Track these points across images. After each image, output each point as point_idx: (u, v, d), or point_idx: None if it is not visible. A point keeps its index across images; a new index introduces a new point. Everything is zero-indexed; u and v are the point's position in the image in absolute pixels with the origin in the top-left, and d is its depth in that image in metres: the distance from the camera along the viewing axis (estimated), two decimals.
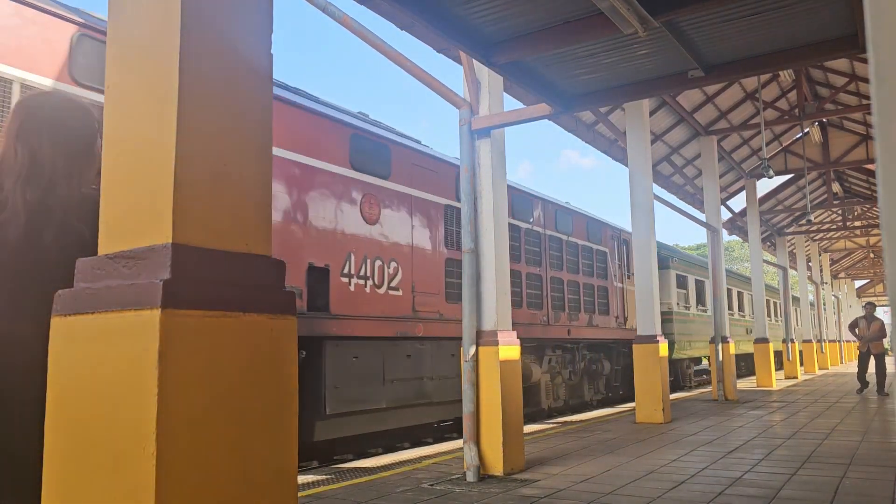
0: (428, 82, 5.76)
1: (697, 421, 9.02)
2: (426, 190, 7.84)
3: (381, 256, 6.99)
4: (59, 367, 1.68)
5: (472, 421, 5.51)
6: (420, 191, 7.75)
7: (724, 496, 4.53)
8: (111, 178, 1.79)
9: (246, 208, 1.82)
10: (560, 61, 5.41)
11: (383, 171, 7.24)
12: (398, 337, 7.09)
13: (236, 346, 1.68)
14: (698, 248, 59.00)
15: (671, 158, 14.24)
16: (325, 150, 6.54)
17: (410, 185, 7.62)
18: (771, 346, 16.65)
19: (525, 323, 9.34)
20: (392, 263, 7.10)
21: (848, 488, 4.73)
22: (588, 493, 4.69)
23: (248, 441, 1.68)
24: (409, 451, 7.04)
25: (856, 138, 16.16)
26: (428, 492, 4.85)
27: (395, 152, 7.46)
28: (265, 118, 1.92)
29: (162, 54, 1.73)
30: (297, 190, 6.20)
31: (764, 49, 5.30)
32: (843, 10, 4.73)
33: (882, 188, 0.70)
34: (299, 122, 6.33)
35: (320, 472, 5.89)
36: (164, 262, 1.59)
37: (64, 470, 1.63)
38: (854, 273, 37.53)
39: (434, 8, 4.61)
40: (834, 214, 22.89)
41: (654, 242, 9.36)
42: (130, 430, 1.52)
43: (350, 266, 6.60)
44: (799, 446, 6.67)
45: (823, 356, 25.98)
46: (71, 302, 1.69)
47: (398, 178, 7.43)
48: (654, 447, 6.75)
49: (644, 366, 8.86)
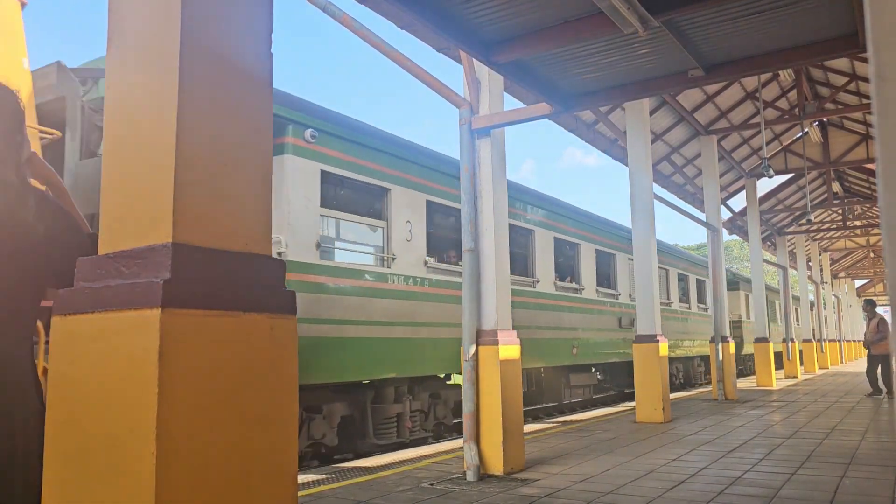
0: (428, 82, 5.76)
1: (697, 420, 9.02)
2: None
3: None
4: (60, 367, 1.68)
5: (472, 420, 5.51)
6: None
7: (724, 496, 4.53)
8: (111, 178, 1.79)
9: (246, 208, 1.82)
10: (560, 61, 5.41)
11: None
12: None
13: (236, 346, 1.68)
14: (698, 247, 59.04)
15: (671, 158, 14.23)
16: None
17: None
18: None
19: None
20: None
21: (848, 488, 4.73)
22: (588, 493, 4.69)
23: (248, 441, 1.68)
24: (409, 450, 7.04)
25: (856, 138, 16.15)
26: (428, 491, 4.85)
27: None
28: (265, 118, 1.92)
29: (162, 54, 1.72)
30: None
31: (764, 48, 5.30)
32: (844, 9, 4.73)
33: (882, 188, 0.70)
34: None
35: (320, 471, 5.89)
36: (164, 262, 1.59)
37: (64, 469, 1.63)
38: (854, 272, 37.52)
39: (434, 7, 4.61)
40: (834, 214, 22.90)
41: (654, 242, 9.36)
42: (130, 429, 1.52)
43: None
44: (799, 446, 6.67)
45: (823, 356, 25.98)
46: (71, 301, 1.69)
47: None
48: (653, 447, 6.75)
49: (644, 365, 8.86)
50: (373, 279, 7.06)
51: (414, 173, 7.87)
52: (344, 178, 6.90)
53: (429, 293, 7.84)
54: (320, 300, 6.38)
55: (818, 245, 27.49)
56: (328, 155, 6.70)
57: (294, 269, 6.09)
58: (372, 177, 7.22)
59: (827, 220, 22.79)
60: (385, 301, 7.15)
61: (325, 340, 6.35)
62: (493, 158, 5.88)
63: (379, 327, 7.03)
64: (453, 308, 7.80)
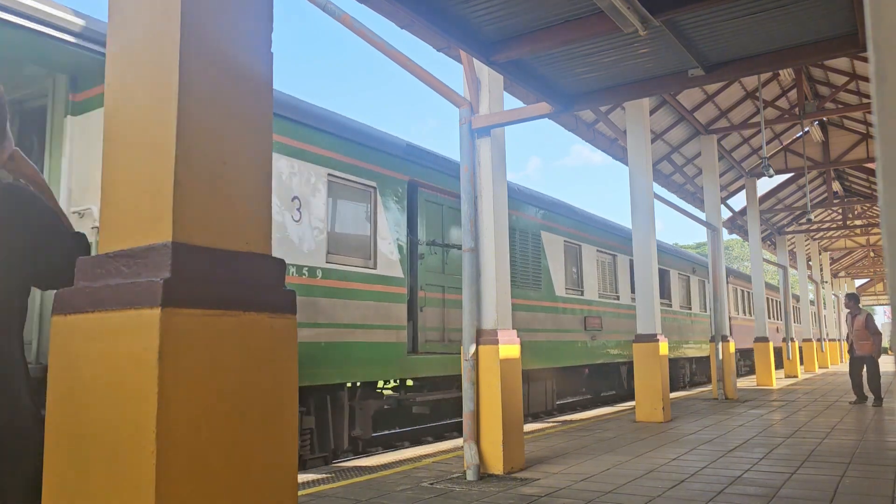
0: (428, 81, 5.76)
1: (697, 420, 9.02)
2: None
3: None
4: (60, 366, 1.68)
5: (472, 420, 5.51)
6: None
7: (723, 495, 4.53)
8: (111, 178, 1.79)
9: (246, 207, 1.82)
10: (560, 60, 5.41)
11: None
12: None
13: (236, 345, 1.69)
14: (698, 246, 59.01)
15: (671, 157, 14.24)
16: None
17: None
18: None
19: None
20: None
21: (847, 487, 4.73)
22: (588, 492, 4.69)
23: (248, 440, 1.68)
24: (408, 449, 7.04)
25: (856, 137, 16.15)
26: (428, 490, 4.85)
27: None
28: (265, 117, 1.92)
29: (162, 54, 1.72)
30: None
31: (764, 48, 5.30)
32: (844, 8, 4.73)
33: (882, 187, 0.70)
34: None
35: (320, 470, 5.89)
36: (164, 262, 1.59)
37: (64, 468, 1.63)
38: (854, 272, 37.53)
39: (434, 6, 4.61)
40: (834, 213, 22.90)
41: (654, 241, 9.36)
42: (130, 428, 1.53)
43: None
44: (799, 445, 6.67)
45: (823, 355, 26.00)
46: (71, 301, 1.69)
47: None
48: (653, 446, 6.75)
49: (644, 364, 8.86)
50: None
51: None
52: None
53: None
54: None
55: (818, 244, 27.50)
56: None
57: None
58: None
59: (827, 220, 22.79)
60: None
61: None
62: (493, 158, 5.88)
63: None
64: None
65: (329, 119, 6.82)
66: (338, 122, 6.93)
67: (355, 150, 7.00)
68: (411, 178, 7.68)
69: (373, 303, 6.88)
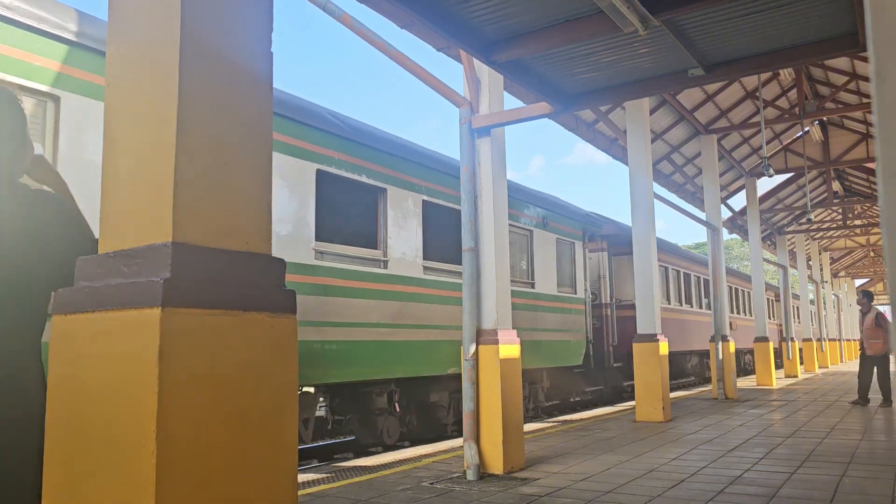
0: (428, 81, 5.75)
1: (697, 419, 9.02)
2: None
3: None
4: (60, 366, 1.68)
5: (472, 419, 5.51)
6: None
7: (723, 495, 4.53)
8: (111, 178, 1.79)
9: (246, 207, 1.82)
10: (560, 60, 5.41)
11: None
12: None
13: (236, 345, 1.69)
14: (698, 246, 59.01)
15: (671, 157, 14.23)
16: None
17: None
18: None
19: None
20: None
21: (848, 487, 4.73)
22: (588, 492, 4.69)
23: (248, 440, 1.68)
24: (408, 449, 7.05)
25: (856, 137, 16.15)
26: (428, 490, 4.85)
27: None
28: (265, 117, 1.92)
29: (162, 54, 1.72)
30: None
31: (764, 48, 5.30)
32: (844, 8, 4.73)
33: (882, 187, 0.70)
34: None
35: (320, 470, 5.89)
36: (164, 261, 1.59)
37: (64, 468, 1.63)
38: (854, 272, 37.52)
39: (434, 6, 4.61)
40: (834, 213, 22.90)
41: (654, 241, 9.36)
42: (130, 429, 1.53)
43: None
44: (799, 445, 6.67)
45: (823, 354, 26.00)
46: (71, 300, 1.69)
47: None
48: (653, 446, 6.75)
49: (644, 364, 8.86)
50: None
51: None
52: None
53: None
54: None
55: (818, 244, 27.50)
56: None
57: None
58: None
59: (827, 220, 22.79)
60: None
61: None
62: (493, 158, 5.88)
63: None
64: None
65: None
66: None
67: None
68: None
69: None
